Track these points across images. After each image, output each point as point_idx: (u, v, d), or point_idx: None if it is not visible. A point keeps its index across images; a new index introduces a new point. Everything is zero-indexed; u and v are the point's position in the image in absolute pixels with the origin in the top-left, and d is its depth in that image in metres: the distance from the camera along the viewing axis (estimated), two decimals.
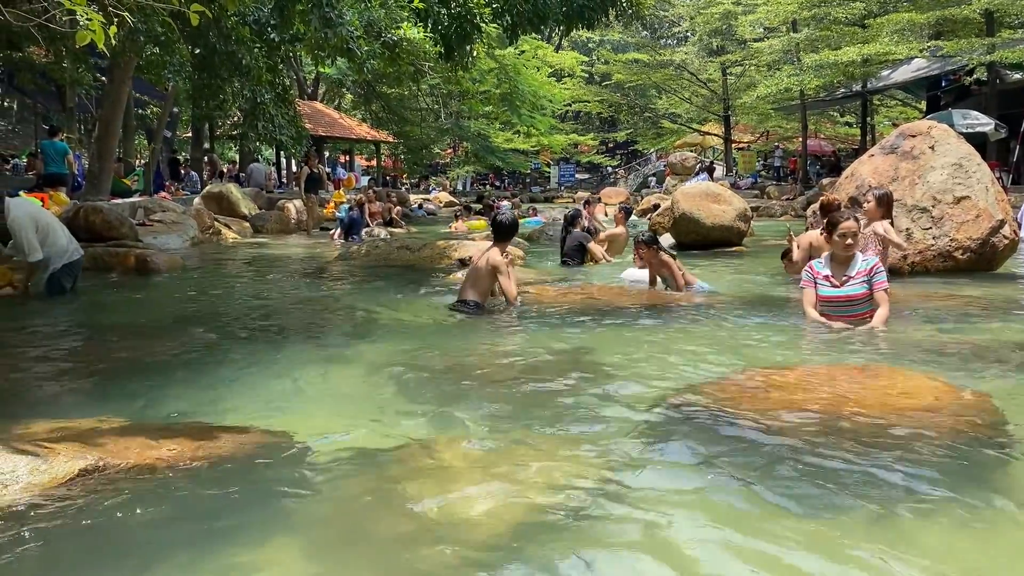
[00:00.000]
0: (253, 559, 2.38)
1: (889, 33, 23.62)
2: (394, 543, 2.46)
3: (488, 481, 2.87)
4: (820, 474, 2.86)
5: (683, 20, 41.41)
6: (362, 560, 2.39)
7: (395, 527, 2.55)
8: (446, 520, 2.57)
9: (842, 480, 2.81)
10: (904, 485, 2.77)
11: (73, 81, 17.30)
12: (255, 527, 2.57)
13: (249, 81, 12.60)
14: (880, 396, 3.71)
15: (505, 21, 14.21)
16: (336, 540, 2.53)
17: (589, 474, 2.92)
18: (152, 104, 25.70)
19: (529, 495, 2.73)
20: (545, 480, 2.86)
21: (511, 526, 2.50)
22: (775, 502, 2.67)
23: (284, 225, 17.88)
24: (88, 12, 3.70)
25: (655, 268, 7.70)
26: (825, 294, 5.51)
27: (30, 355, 5.39)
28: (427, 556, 2.35)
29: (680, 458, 3.10)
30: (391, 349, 5.34)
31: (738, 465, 2.98)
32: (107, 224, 11.28)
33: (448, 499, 2.72)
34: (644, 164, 47.95)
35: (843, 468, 2.90)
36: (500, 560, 2.30)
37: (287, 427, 3.50)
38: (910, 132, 9.30)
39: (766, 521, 2.54)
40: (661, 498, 2.73)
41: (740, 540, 2.41)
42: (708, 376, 4.38)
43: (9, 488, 2.64)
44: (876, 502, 2.64)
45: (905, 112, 34.08)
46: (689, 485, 2.85)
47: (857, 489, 2.74)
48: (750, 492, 2.76)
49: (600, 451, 3.16)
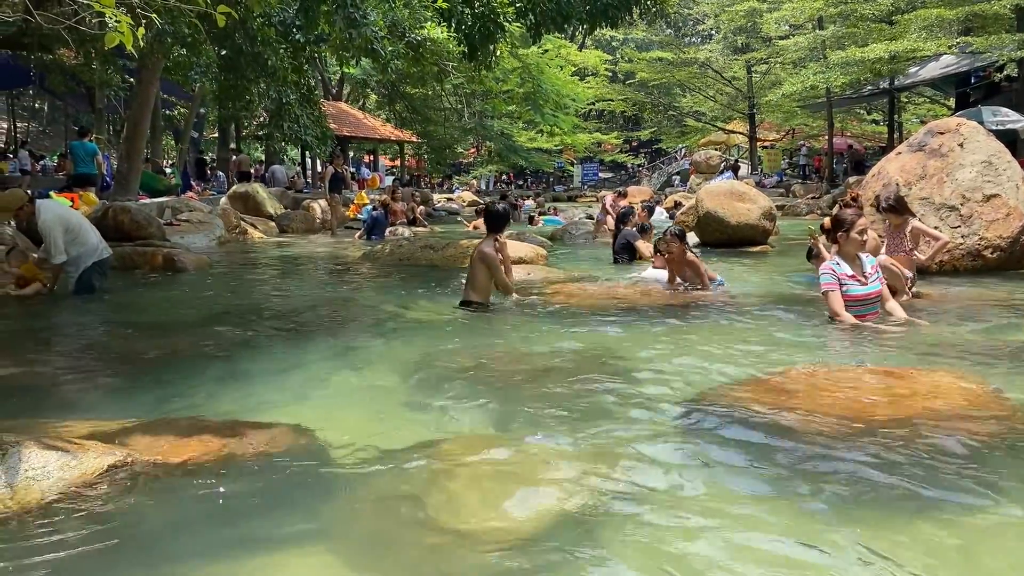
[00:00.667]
0: (279, 556, 2.40)
1: (917, 29, 23.33)
2: (420, 543, 2.46)
3: (514, 482, 2.87)
4: (853, 476, 2.83)
5: (707, 18, 41.18)
6: (388, 560, 2.40)
7: (422, 527, 2.56)
8: (472, 521, 2.58)
9: (878, 483, 2.78)
10: (939, 489, 2.74)
11: (102, 82, 17.48)
12: (281, 524, 2.59)
13: (275, 82, 12.71)
14: (910, 397, 3.67)
15: (528, 20, 14.21)
16: (362, 539, 2.54)
17: (617, 476, 2.91)
18: (179, 105, 25.95)
19: (557, 497, 2.72)
20: (573, 481, 2.85)
21: (538, 528, 2.50)
22: (810, 507, 2.64)
23: (309, 225, 17.99)
24: (117, 14, 3.75)
25: (680, 265, 7.62)
26: (856, 293, 5.42)
27: (61, 353, 5.47)
28: (453, 557, 2.36)
29: (710, 460, 3.08)
30: (415, 348, 5.36)
31: (769, 467, 2.96)
32: (135, 224, 11.41)
33: (474, 500, 2.73)
34: (668, 162, 47.72)
35: (878, 471, 2.88)
36: (527, 562, 2.30)
37: (313, 424, 3.52)
38: (938, 129, 9.19)
39: (799, 523, 2.52)
40: (691, 501, 2.72)
41: (774, 544, 2.39)
42: (737, 376, 4.35)
43: (40, 483, 2.68)
44: (914, 506, 2.62)
45: (933, 109, 33.66)
46: (720, 487, 2.83)
47: (895, 492, 2.71)
48: (783, 495, 2.74)
49: (629, 452, 3.15)
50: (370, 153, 39.37)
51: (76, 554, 2.37)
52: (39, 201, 7.71)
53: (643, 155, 53.82)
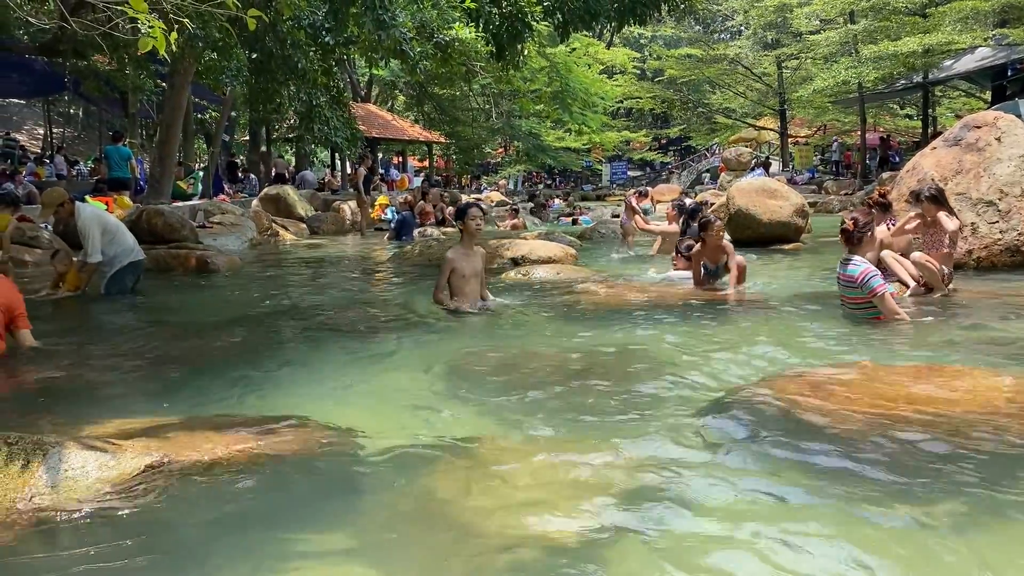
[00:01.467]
0: (313, 555, 2.41)
1: (952, 22, 22.99)
2: (453, 544, 2.46)
3: (547, 482, 2.86)
4: (899, 477, 2.79)
5: (736, 14, 40.85)
6: (421, 560, 2.40)
7: (454, 528, 2.55)
8: (505, 523, 2.57)
9: (921, 482, 2.74)
10: (980, 487, 2.69)
11: (135, 87, 17.76)
12: (315, 522, 2.60)
13: (304, 84, 12.79)
14: (951, 395, 3.61)
15: (556, 19, 14.18)
16: (395, 539, 2.54)
17: (654, 478, 2.88)
18: (211, 108, 26.25)
19: (589, 496, 2.71)
20: (608, 484, 2.84)
21: (573, 529, 2.49)
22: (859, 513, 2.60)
23: (339, 226, 18.12)
24: (150, 19, 3.79)
25: (715, 253, 7.49)
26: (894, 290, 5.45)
27: (98, 355, 5.54)
28: (486, 559, 2.35)
29: (745, 458, 3.05)
30: (446, 348, 5.36)
31: (811, 470, 2.92)
32: (168, 226, 11.57)
33: (507, 501, 2.72)
34: (698, 160, 47.41)
35: (920, 470, 2.83)
36: (561, 564, 2.29)
37: (346, 423, 3.54)
38: (975, 123, 9.02)
39: (840, 524, 2.49)
40: (724, 501, 2.69)
41: (815, 544, 2.36)
42: (772, 374, 4.30)
43: (79, 483, 2.72)
44: (956, 504, 2.57)
45: (969, 103, 33.08)
46: (759, 492, 2.79)
47: (935, 491, 2.67)
48: (821, 495, 2.71)
49: (660, 452, 3.13)
50: (399, 154, 39.54)
51: (114, 553, 2.39)
52: (78, 204, 7.86)
53: (672, 153, 53.52)
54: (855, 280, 5.57)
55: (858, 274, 5.55)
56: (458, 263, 6.38)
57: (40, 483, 2.68)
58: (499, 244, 10.87)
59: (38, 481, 2.69)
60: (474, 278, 6.47)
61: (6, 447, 2.77)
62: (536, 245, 10.74)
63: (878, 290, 5.49)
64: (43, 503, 2.62)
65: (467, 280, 6.41)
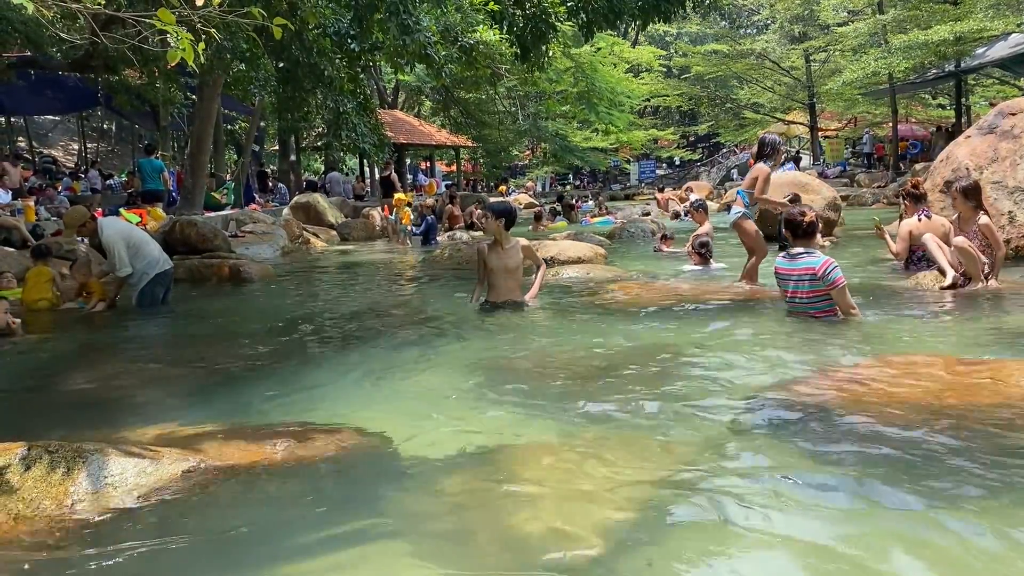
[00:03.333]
0: (350, 559, 2.42)
1: (983, 8, 22.57)
2: (487, 545, 2.46)
3: (579, 482, 2.85)
4: (928, 469, 2.75)
5: (763, 8, 40.50)
6: (457, 561, 2.40)
7: (489, 529, 2.55)
8: (539, 523, 2.56)
9: (955, 476, 2.69)
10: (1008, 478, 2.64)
11: (166, 100, 18.02)
12: (350, 526, 2.62)
13: (331, 91, 12.90)
14: (983, 388, 3.54)
15: (580, 19, 14.18)
16: (431, 541, 2.55)
17: (687, 479, 2.86)
18: (240, 119, 26.54)
19: (624, 497, 2.70)
20: (641, 484, 2.82)
21: (606, 529, 2.48)
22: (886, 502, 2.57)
23: (369, 232, 18.23)
24: (179, 31, 3.85)
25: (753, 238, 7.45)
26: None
27: (134, 364, 5.63)
28: (520, 559, 2.35)
29: (781, 460, 3.02)
30: (476, 350, 5.37)
31: (846, 462, 2.89)
32: (202, 237, 11.71)
33: (541, 502, 2.72)
34: (726, 157, 46.99)
35: (955, 463, 2.78)
36: (597, 563, 2.28)
37: (380, 427, 3.56)
38: (1010, 110, 8.85)
39: (874, 520, 2.45)
40: (762, 497, 2.66)
41: (845, 544, 2.33)
42: (806, 369, 4.26)
43: (118, 489, 2.76)
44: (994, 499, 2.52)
45: (1003, 91, 32.44)
46: (795, 491, 2.77)
47: (974, 484, 2.62)
48: (858, 490, 2.67)
49: (694, 450, 3.11)
50: (426, 160, 39.66)
51: (153, 557, 2.43)
52: (100, 219, 8.01)
53: (700, 150, 53.11)
54: (816, 271, 5.34)
55: (819, 265, 5.33)
56: (485, 255, 6.62)
57: (81, 489, 2.73)
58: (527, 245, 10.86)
59: (79, 488, 2.73)
60: (504, 274, 6.57)
61: (47, 455, 2.82)
62: (565, 246, 10.73)
63: (839, 282, 5.31)
64: (84, 508, 2.66)
65: (496, 274, 6.59)
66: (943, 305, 6.11)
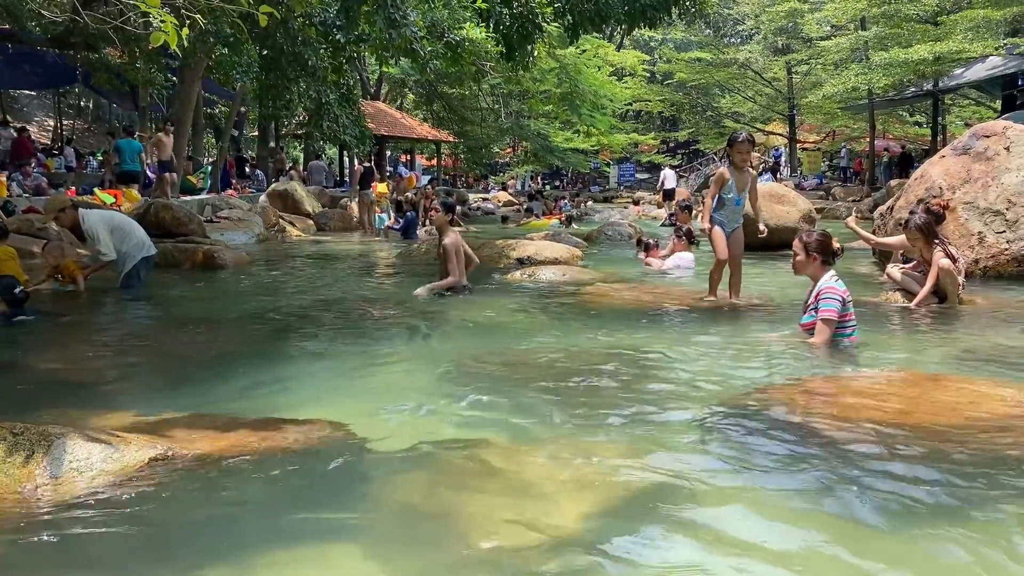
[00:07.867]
0: (314, 550, 2.42)
1: (963, 30, 22.91)
2: (455, 541, 2.47)
3: (550, 482, 2.87)
4: (892, 484, 2.79)
5: (747, 18, 40.77)
6: (423, 556, 2.41)
7: (456, 524, 2.56)
8: (508, 520, 2.58)
9: (912, 492, 2.74)
10: (974, 496, 2.69)
11: (146, 81, 17.78)
12: (316, 518, 2.62)
13: (315, 81, 12.83)
14: (950, 405, 3.61)
15: (566, 20, 14.19)
16: (397, 535, 2.55)
17: (652, 475, 2.89)
18: (221, 103, 26.29)
19: (591, 496, 2.72)
20: (609, 483, 2.85)
21: (575, 528, 2.50)
22: (851, 517, 2.62)
23: (346, 223, 18.15)
24: (162, 14, 3.82)
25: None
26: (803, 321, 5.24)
27: (103, 348, 5.57)
28: (488, 555, 2.36)
29: (750, 465, 3.06)
30: (450, 346, 5.38)
31: (806, 475, 2.93)
32: (176, 221, 11.61)
33: (510, 498, 2.73)
34: (705, 164, 47.29)
35: (912, 478, 2.83)
36: (565, 563, 2.30)
37: (349, 420, 3.55)
38: (984, 132, 9.01)
39: (835, 532, 2.50)
40: (726, 498, 2.70)
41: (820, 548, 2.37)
42: (771, 380, 4.31)
43: (83, 475, 2.74)
44: (948, 511, 2.58)
45: (979, 112, 32.95)
46: (762, 496, 2.81)
47: (934, 503, 2.67)
48: (820, 506, 2.71)
49: (663, 454, 3.14)
50: (407, 153, 39.53)
51: (117, 544, 2.41)
52: (82, 209, 7.93)
53: (680, 156, 53.42)
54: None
55: None
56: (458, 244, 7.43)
57: (45, 473, 2.71)
58: (505, 245, 10.89)
59: (43, 471, 2.71)
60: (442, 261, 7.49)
61: (12, 437, 2.79)
62: (542, 246, 10.75)
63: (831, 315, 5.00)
64: (47, 493, 2.64)
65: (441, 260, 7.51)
66: (915, 322, 6.20)
